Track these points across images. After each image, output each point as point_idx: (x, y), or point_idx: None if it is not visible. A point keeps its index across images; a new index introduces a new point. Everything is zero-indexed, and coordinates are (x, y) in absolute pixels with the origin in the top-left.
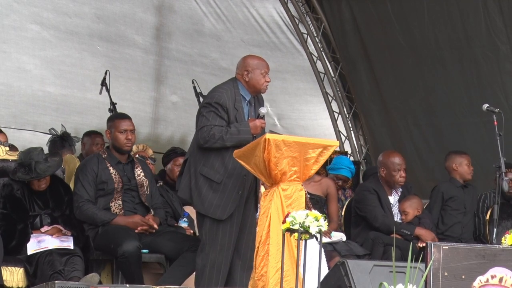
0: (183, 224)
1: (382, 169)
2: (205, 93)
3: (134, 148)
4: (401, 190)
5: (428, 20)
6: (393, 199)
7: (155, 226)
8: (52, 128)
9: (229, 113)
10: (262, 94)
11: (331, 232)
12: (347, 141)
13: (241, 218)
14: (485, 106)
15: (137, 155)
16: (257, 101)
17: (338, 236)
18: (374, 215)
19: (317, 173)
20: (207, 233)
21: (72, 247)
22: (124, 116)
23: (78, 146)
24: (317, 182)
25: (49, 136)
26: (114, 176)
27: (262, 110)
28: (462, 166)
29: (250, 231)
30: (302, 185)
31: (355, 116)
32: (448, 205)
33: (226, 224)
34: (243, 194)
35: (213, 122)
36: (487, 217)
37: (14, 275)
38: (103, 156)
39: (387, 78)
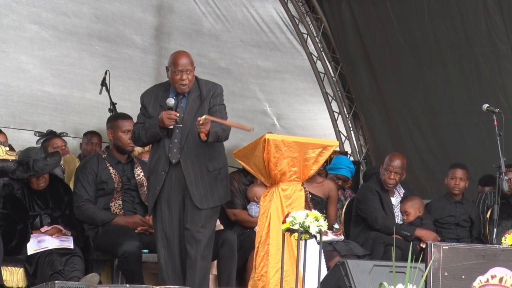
0: None
1: (381, 167)
2: None
3: None
4: (403, 191)
5: (428, 20)
6: (395, 200)
7: None
8: (37, 131)
9: (150, 110)
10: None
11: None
12: (347, 141)
13: (174, 214)
14: (485, 106)
15: None
16: (198, 96)
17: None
18: (374, 217)
19: (319, 174)
20: None
21: (72, 247)
22: (127, 116)
23: (76, 145)
24: (319, 183)
25: (37, 138)
26: (114, 176)
27: (168, 102)
28: (448, 180)
29: (181, 228)
30: (303, 185)
31: (355, 116)
32: (439, 221)
33: (157, 220)
34: (162, 190)
35: (138, 121)
36: (487, 217)
37: (14, 275)
38: (103, 156)
39: (387, 78)
